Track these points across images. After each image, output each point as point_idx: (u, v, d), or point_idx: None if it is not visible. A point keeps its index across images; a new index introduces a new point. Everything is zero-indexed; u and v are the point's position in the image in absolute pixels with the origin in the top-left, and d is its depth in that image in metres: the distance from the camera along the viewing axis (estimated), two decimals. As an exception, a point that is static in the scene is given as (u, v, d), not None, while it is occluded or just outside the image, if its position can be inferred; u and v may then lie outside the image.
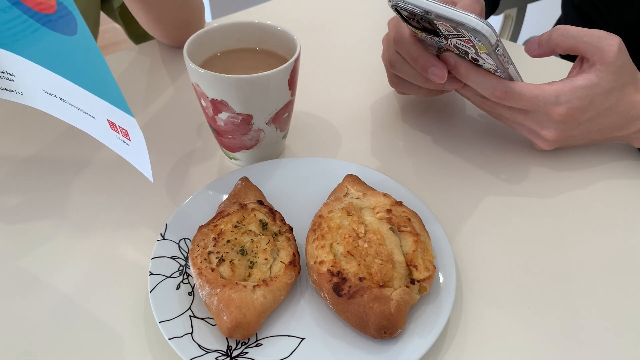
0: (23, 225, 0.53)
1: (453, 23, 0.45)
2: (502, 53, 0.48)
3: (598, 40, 0.51)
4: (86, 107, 0.40)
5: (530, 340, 0.44)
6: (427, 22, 0.48)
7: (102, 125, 0.41)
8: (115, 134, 0.40)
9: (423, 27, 0.50)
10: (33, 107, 0.47)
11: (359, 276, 0.43)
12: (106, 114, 0.39)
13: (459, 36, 0.47)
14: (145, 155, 0.39)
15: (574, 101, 0.51)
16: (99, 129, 0.41)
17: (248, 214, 0.48)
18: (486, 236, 0.52)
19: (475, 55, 0.49)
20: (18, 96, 0.46)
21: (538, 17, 1.50)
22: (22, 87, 0.45)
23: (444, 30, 0.48)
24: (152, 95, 0.71)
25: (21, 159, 0.61)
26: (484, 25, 0.45)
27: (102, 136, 0.42)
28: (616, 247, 0.51)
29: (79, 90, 0.39)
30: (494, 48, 0.46)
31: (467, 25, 0.45)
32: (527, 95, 0.51)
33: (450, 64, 0.52)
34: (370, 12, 0.90)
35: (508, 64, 0.50)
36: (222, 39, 0.58)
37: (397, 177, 0.58)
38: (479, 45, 0.47)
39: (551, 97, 0.51)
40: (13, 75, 0.44)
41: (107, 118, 0.39)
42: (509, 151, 0.62)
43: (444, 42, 0.51)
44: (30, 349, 0.43)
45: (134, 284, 0.48)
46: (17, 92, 0.46)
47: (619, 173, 0.59)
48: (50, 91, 0.42)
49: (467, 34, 0.46)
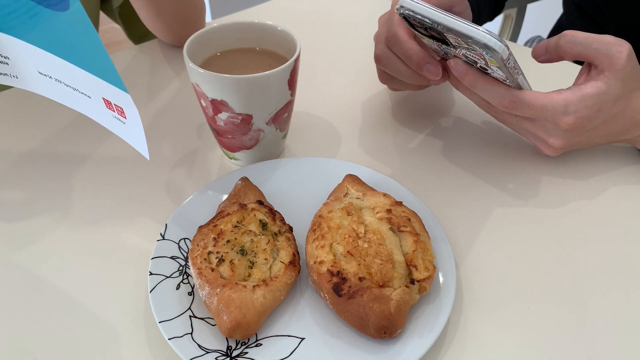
0: (22, 225, 0.53)
1: (463, 37, 0.44)
2: (513, 65, 0.47)
3: (607, 47, 0.50)
4: (81, 86, 0.40)
5: (530, 340, 0.44)
6: (436, 32, 0.47)
7: (97, 104, 0.40)
8: (111, 113, 0.40)
9: (431, 35, 0.49)
10: (28, 90, 0.46)
11: (358, 276, 0.43)
12: (101, 92, 0.39)
13: (469, 48, 0.46)
14: (141, 132, 0.39)
15: (582, 110, 0.50)
16: (95, 109, 0.41)
17: (248, 214, 0.48)
18: (486, 236, 0.52)
19: (485, 65, 0.48)
20: (13, 80, 0.46)
21: (538, 17, 1.50)
22: (17, 70, 0.44)
23: (453, 41, 0.47)
24: (152, 95, 0.71)
25: (19, 160, 0.61)
26: (497, 42, 0.43)
27: (98, 116, 0.42)
28: (617, 250, 0.51)
29: (73, 69, 0.39)
30: (505, 62, 0.45)
31: (479, 41, 0.44)
32: (535, 104, 0.50)
33: (458, 71, 0.51)
34: (371, 12, 0.90)
35: (518, 75, 0.49)
36: (222, 39, 0.58)
37: (397, 177, 0.58)
38: (490, 59, 0.46)
39: (560, 106, 0.50)
40: (7, 58, 0.44)
41: (102, 96, 0.39)
42: (510, 152, 0.62)
43: (452, 51, 0.50)
44: (30, 348, 0.43)
45: (134, 284, 0.48)
46: (12, 75, 0.45)
47: (624, 178, 0.59)
48: (46, 72, 0.42)
49: (478, 48, 0.45)
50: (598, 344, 0.44)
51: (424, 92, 0.72)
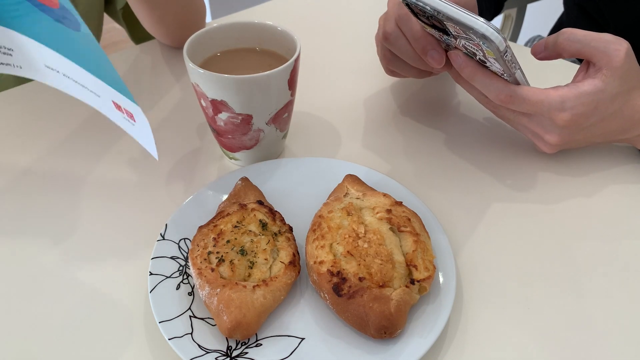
0: (22, 225, 0.53)
1: (462, 26, 0.45)
2: (510, 59, 0.47)
3: (605, 45, 0.50)
4: (90, 86, 0.40)
5: (530, 340, 0.44)
6: (437, 20, 0.47)
7: (107, 104, 0.40)
8: (120, 114, 0.40)
9: (432, 24, 0.49)
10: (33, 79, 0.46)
11: (358, 276, 0.43)
12: (111, 96, 0.39)
13: (467, 38, 0.47)
14: (150, 135, 0.39)
15: (579, 107, 0.50)
16: (104, 106, 0.41)
17: (248, 214, 0.48)
18: (486, 236, 0.52)
19: (483, 58, 0.49)
20: (17, 69, 0.46)
21: (538, 17, 1.50)
22: (21, 61, 0.44)
23: (453, 31, 0.47)
24: (152, 95, 0.71)
25: (18, 160, 0.61)
26: (494, 32, 0.44)
27: (108, 112, 0.42)
28: (619, 250, 0.51)
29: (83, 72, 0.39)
30: (502, 54, 0.45)
31: (476, 30, 0.44)
32: (531, 99, 0.50)
33: (457, 62, 0.51)
34: (371, 12, 0.90)
35: (515, 69, 0.49)
36: (222, 39, 0.58)
37: (397, 177, 0.58)
38: (487, 50, 0.46)
39: (556, 102, 0.50)
40: (11, 50, 0.44)
41: (112, 99, 0.39)
42: (510, 152, 0.62)
43: (452, 41, 0.50)
44: (30, 348, 0.43)
45: (134, 284, 0.48)
46: (16, 65, 0.45)
47: (622, 177, 0.59)
48: (53, 67, 0.42)
49: (476, 38, 0.45)
50: (598, 343, 0.44)
51: (424, 91, 0.72)
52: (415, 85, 0.73)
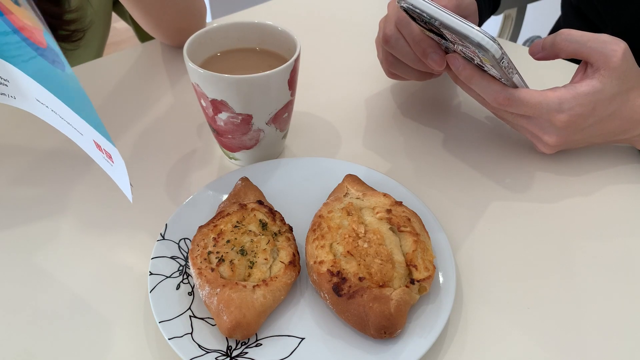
0: (21, 225, 0.53)
1: (458, 34, 0.45)
2: (507, 65, 0.47)
3: (602, 45, 0.50)
4: (74, 123, 0.42)
5: (529, 340, 0.44)
6: (434, 27, 0.48)
7: (89, 142, 0.42)
8: (100, 154, 0.42)
9: (430, 29, 0.50)
10: (26, 110, 0.48)
11: (358, 276, 0.43)
12: (92, 136, 0.41)
13: (464, 45, 0.47)
14: (126, 177, 0.42)
15: (577, 108, 0.50)
16: (86, 145, 0.43)
17: (248, 214, 0.48)
18: (486, 236, 0.53)
19: (480, 63, 0.49)
20: (11, 100, 0.48)
21: (538, 17, 1.50)
22: (15, 92, 0.46)
23: (449, 37, 0.47)
24: (152, 95, 0.71)
25: (18, 160, 0.61)
26: (489, 41, 0.44)
27: (89, 150, 0.44)
28: (617, 250, 0.51)
29: (69, 110, 0.41)
30: (498, 61, 0.45)
31: (472, 39, 0.44)
32: (529, 102, 0.50)
33: (455, 65, 0.51)
34: (371, 12, 0.90)
35: (513, 74, 0.49)
36: (222, 39, 0.58)
37: (397, 177, 0.58)
38: (483, 58, 0.46)
39: (554, 104, 0.50)
40: (7, 81, 0.45)
41: (93, 139, 0.41)
42: (510, 153, 0.62)
43: (450, 46, 0.50)
44: (30, 347, 0.43)
45: (134, 284, 0.48)
46: (10, 95, 0.47)
47: (622, 177, 0.59)
48: (43, 101, 0.43)
49: (472, 46, 0.45)
50: (597, 343, 0.44)
51: (424, 92, 0.72)
52: (415, 85, 0.73)
